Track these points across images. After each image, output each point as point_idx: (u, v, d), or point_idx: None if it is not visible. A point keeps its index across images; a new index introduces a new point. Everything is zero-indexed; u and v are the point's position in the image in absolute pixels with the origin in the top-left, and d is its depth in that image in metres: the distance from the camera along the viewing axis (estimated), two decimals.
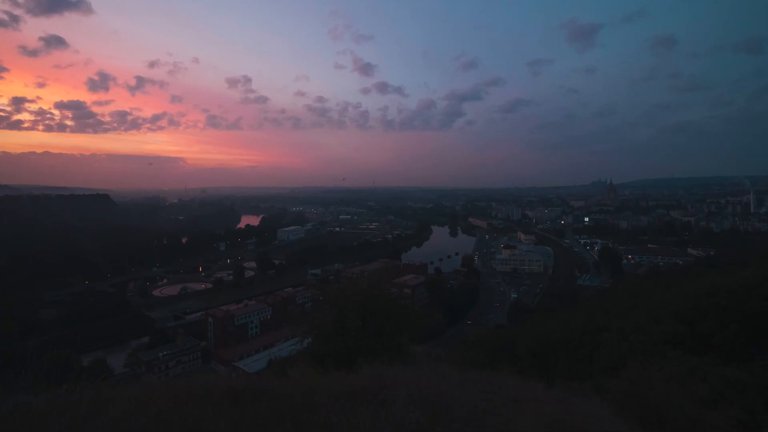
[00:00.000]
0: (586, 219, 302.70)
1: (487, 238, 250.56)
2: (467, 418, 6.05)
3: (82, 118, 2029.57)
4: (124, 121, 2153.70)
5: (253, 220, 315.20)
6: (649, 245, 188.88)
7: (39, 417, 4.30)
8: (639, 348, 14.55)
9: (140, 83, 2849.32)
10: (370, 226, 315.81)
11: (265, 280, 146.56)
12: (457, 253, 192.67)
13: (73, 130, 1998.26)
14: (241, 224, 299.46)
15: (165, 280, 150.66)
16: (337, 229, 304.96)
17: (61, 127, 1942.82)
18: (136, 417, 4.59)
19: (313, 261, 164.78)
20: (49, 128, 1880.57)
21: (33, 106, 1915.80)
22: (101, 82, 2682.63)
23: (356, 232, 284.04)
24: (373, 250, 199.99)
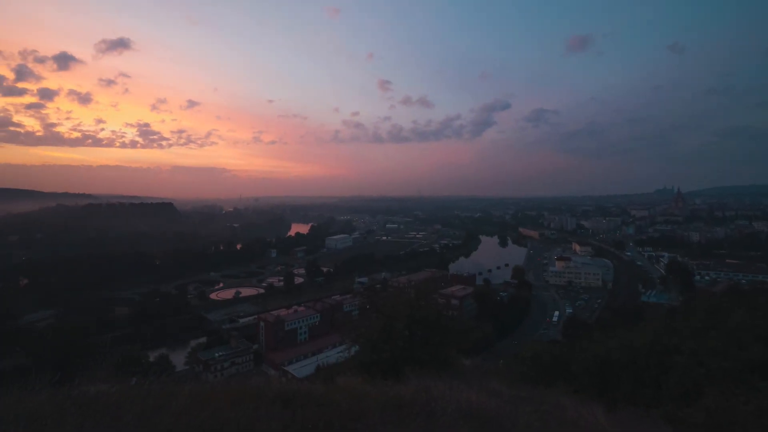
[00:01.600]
0: (650, 230, 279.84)
1: (539, 250, 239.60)
2: None
3: (147, 135, 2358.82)
4: (182, 137, 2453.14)
5: (303, 228, 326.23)
6: (727, 260, 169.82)
7: (115, 405, 4.69)
8: (718, 375, 12.97)
9: (192, 104, 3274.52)
10: (417, 236, 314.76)
11: (314, 286, 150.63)
12: (507, 265, 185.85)
13: (142, 146, 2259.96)
14: (291, 232, 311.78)
15: (221, 284, 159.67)
16: (384, 238, 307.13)
17: (133, 144, 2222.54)
18: (196, 413, 4.85)
19: (360, 269, 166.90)
20: (123, 145, 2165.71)
21: (109, 127, 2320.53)
22: (160, 104, 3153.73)
23: (403, 241, 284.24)
24: (419, 260, 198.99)
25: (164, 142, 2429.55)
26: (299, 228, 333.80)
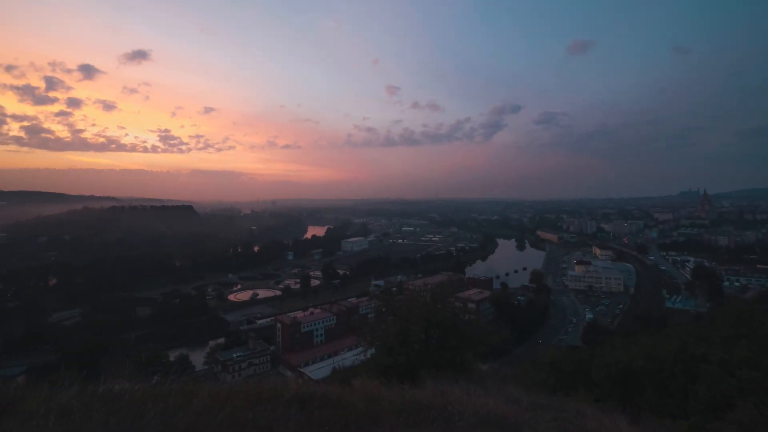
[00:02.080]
0: (675, 233, 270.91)
1: (558, 253, 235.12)
2: None
3: (167, 140, 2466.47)
4: (200, 142, 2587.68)
5: (319, 231, 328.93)
6: (758, 266, 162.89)
7: (139, 403, 4.82)
8: (750, 386, 12.39)
9: (208, 110, 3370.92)
10: (433, 238, 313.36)
11: (330, 289, 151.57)
12: (524, 268, 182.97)
13: (162, 151, 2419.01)
14: (308, 234, 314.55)
15: (239, 286, 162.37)
16: (400, 240, 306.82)
17: (154, 149, 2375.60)
18: (215, 413, 4.93)
19: (376, 272, 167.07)
20: (144, 149, 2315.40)
21: (132, 132, 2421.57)
22: (179, 111, 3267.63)
23: (419, 244, 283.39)
24: (436, 263, 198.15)
25: (183, 147, 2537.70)
26: (315, 230, 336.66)
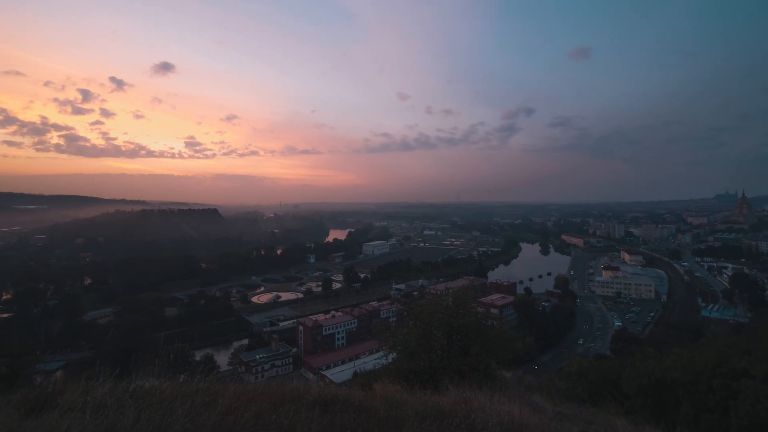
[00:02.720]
0: (710, 238, 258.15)
1: (584, 258, 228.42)
2: None
3: (193, 146, 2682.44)
4: (223, 148, 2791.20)
5: (340, 234, 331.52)
6: None
7: (168, 400, 4.97)
8: None
9: (230, 118, 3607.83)
10: (455, 242, 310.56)
11: (351, 292, 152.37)
12: (549, 273, 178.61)
13: (188, 157, 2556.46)
14: (329, 238, 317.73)
15: (262, 288, 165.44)
16: (421, 244, 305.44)
17: (180, 155, 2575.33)
18: (241, 413, 5.02)
19: (397, 275, 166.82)
20: (171, 155, 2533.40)
21: (160, 139, 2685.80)
22: (203, 119, 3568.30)
23: (440, 247, 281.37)
24: (457, 267, 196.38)
25: (208, 152, 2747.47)
26: (337, 234, 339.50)
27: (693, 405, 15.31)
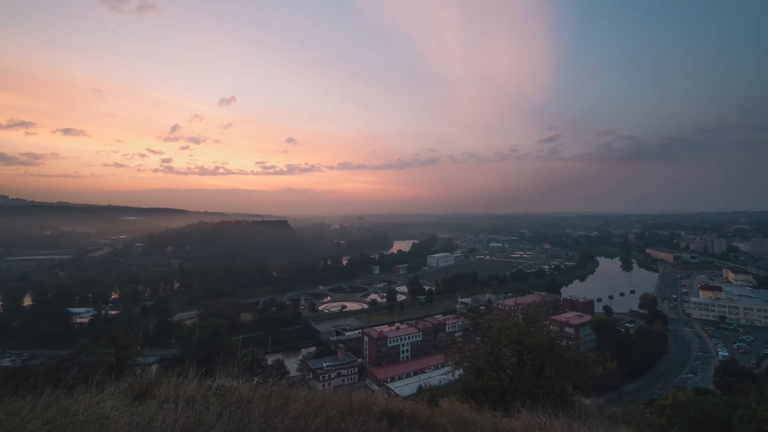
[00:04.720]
0: None
1: (675, 276, 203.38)
2: None
3: (262, 164, 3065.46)
4: (287, 165, 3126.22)
5: (404, 245, 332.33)
6: None
7: (246, 401, 5.30)
8: None
9: (291, 141, 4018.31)
10: (524, 255, 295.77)
11: (416, 304, 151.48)
12: (632, 291, 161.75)
13: (259, 174, 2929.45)
14: (393, 249, 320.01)
15: (328, 298, 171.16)
16: (487, 257, 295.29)
17: (252, 172, 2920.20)
18: (311, 419, 5.16)
19: (463, 289, 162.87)
20: (243, 172, 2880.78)
21: (234, 160, 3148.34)
22: (267, 141, 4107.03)
23: (508, 260, 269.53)
24: (527, 281, 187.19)
25: (275, 169, 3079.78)
26: (401, 245, 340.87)
27: None
